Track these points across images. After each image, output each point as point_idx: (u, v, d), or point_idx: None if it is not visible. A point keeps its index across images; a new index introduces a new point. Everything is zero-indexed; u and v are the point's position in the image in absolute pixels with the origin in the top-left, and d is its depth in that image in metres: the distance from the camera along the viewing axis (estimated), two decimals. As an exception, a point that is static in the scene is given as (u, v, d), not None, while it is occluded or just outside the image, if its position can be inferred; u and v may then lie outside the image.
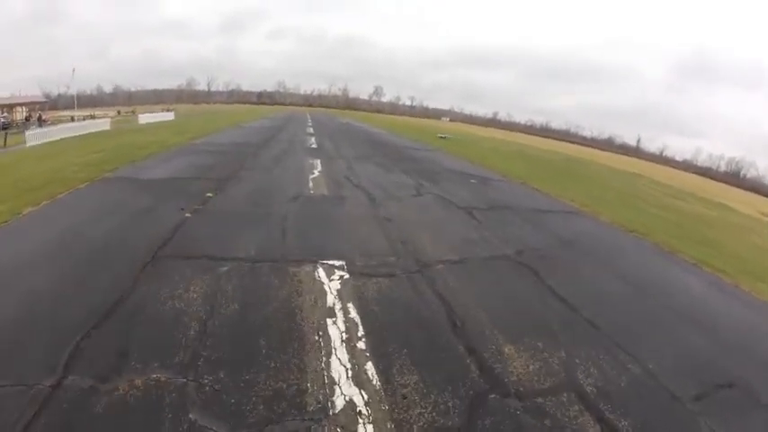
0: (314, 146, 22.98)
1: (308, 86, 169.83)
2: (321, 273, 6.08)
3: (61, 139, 27.39)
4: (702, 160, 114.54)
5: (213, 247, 7.12)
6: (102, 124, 35.56)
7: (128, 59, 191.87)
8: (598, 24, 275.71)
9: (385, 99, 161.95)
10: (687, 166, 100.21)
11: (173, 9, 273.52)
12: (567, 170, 25.25)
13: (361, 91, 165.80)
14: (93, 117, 49.21)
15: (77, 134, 29.64)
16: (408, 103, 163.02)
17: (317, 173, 13.98)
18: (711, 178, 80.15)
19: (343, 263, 6.39)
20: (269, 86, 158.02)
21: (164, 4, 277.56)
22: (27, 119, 52.11)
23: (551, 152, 43.46)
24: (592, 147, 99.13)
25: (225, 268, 6.30)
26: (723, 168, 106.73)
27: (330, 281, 5.84)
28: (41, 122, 45.05)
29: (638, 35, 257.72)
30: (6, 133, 31.14)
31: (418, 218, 9.23)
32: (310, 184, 12.09)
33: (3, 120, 45.98)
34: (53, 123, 40.52)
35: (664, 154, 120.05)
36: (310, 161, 16.48)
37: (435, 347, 4.44)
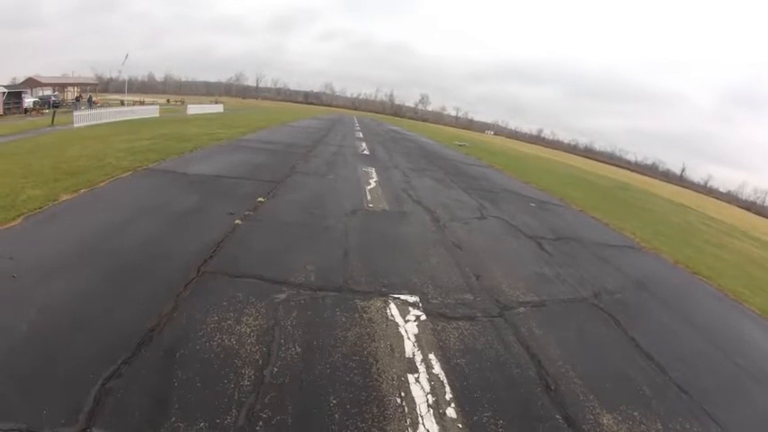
0: (366, 152, 22.76)
1: (354, 90, 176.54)
2: (394, 310, 5.41)
3: (108, 123, 27.73)
4: (747, 194, 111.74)
5: (267, 265, 6.38)
6: (151, 111, 36.27)
7: (180, 51, 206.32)
8: (648, 45, 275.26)
9: (430, 108, 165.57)
10: (731, 199, 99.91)
11: (226, 5, 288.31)
12: (619, 198, 24.54)
13: (407, 98, 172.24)
14: (142, 103, 50.54)
15: (125, 119, 30.12)
16: (453, 113, 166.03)
17: (373, 183, 13.49)
18: (757, 213, 76.19)
19: (417, 299, 5.75)
20: (316, 87, 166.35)
21: (219, 0, 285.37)
22: (77, 99, 54.00)
23: (600, 176, 43.54)
24: (636, 171, 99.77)
25: (282, 296, 5.52)
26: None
27: (405, 322, 5.17)
28: (91, 104, 46.43)
29: (688, 59, 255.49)
30: (55, 112, 31.83)
31: (488, 246, 8.68)
32: (368, 197, 11.49)
33: (54, 98, 47.78)
34: (102, 106, 41.49)
35: (708, 184, 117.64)
36: (364, 169, 16.10)
37: (532, 417, 3.96)
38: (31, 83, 56.32)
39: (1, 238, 6.24)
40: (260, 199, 9.96)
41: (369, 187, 12.73)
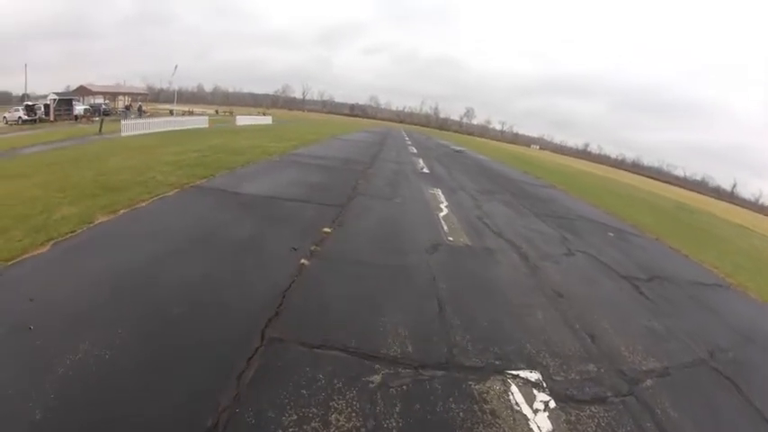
0: (425, 170, 21.84)
1: (399, 103, 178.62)
2: (517, 395, 4.35)
3: (156, 132, 27.52)
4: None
5: (350, 327, 5.10)
6: (200, 122, 36.27)
7: (228, 63, 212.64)
8: (696, 55, 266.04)
9: (475, 121, 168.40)
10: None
11: (273, 19, 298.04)
12: (684, 221, 23.44)
13: (452, 111, 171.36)
14: (191, 113, 51.28)
15: (174, 129, 29.93)
16: (498, 127, 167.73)
17: (444, 209, 12.44)
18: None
19: (539, 376, 4.72)
20: (361, 100, 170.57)
21: (265, 14, 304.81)
22: (127, 108, 55.33)
23: (655, 195, 42.72)
24: (685, 188, 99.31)
25: (377, 378, 4.23)
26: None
27: (535, 413, 4.14)
28: (141, 113, 47.26)
29: (737, 70, 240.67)
30: (103, 120, 32.08)
31: (587, 292, 7.67)
32: (444, 227, 10.35)
33: (104, 106, 48.99)
34: (152, 115, 41.99)
35: (760, 202, 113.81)
36: (430, 191, 15.23)
37: None
38: (83, 91, 58.26)
39: (26, 271, 5.61)
40: (325, 229, 8.77)
41: (441, 214, 11.68)
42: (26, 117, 40.51)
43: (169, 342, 4.31)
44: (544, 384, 4.55)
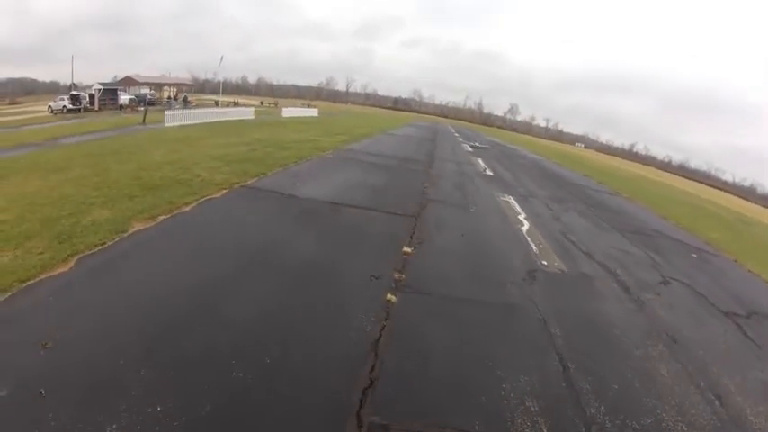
0: (489, 172, 20.59)
1: (441, 97, 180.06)
2: None
3: (201, 124, 26.82)
4: None
5: (467, 401, 3.93)
6: (246, 113, 35.56)
7: (272, 54, 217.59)
8: (749, 58, 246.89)
9: (519, 118, 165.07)
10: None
11: (316, 12, 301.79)
12: (753, 237, 21.97)
13: (496, 107, 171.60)
14: (236, 104, 50.94)
15: (220, 120, 29.19)
16: (543, 124, 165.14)
17: (524, 221, 11.29)
18: None
19: None
20: (404, 93, 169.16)
21: (307, 7, 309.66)
22: (171, 98, 55.68)
23: (712, 203, 41.06)
24: (733, 194, 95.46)
25: None
26: None
27: None
28: (187, 103, 47.24)
29: None
30: (147, 110, 31.74)
31: (698, 336, 6.60)
32: (532, 246, 9.18)
33: (149, 97, 49.24)
34: (197, 106, 41.79)
35: None
36: (503, 198, 14.10)
37: None
38: (129, 81, 59.03)
39: (42, 297, 4.57)
40: (405, 249, 7.44)
41: (524, 228, 10.54)
42: (71, 106, 40.93)
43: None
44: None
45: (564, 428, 3.78)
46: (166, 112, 27.19)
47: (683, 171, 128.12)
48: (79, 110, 40.89)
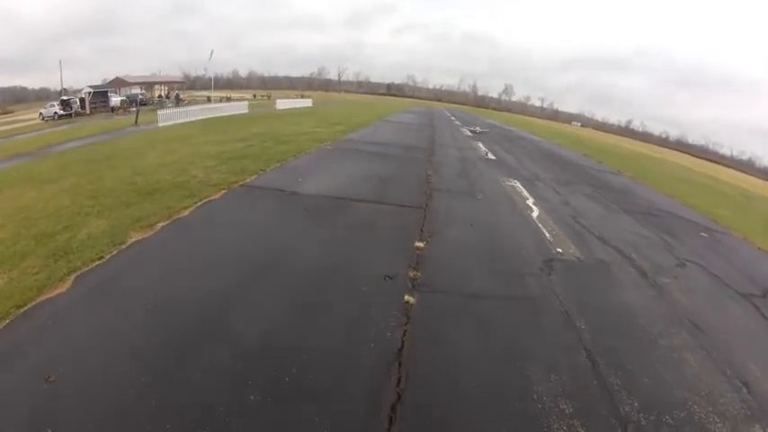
0: (491, 156, 20.30)
1: (436, 81, 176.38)
2: None
3: (195, 121, 26.46)
4: None
5: (502, 408, 3.76)
6: (240, 107, 35.20)
7: (262, 48, 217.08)
8: (743, 29, 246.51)
9: (514, 98, 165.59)
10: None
11: (306, 3, 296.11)
12: (758, 212, 22.19)
13: (491, 89, 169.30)
14: (228, 99, 50.51)
15: (213, 116, 28.86)
16: (538, 104, 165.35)
17: (533, 207, 10.97)
18: None
19: None
20: (397, 79, 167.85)
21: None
22: (165, 97, 55.09)
23: (712, 178, 41.72)
24: (731, 167, 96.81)
25: None
26: None
27: None
28: (179, 101, 46.72)
29: None
30: (138, 111, 31.31)
31: (719, 320, 6.49)
32: (545, 232, 8.96)
33: (140, 97, 48.69)
34: (189, 103, 41.27)
35: None
36: (508, 183, 13.84)
37: None
38: (119, 82, 58.38)
39: (41, 324, 4.27)
40: (417, 243, 7.15)
41: (534, 214, 10.28)
42: (62, 112, 40.37)
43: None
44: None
45: (601, 430, 3.64)
46: (159, 112, 26.76)
47: (681, 146, 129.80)
48: (71, 115, 40.36)
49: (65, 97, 44.42)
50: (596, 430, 3.63)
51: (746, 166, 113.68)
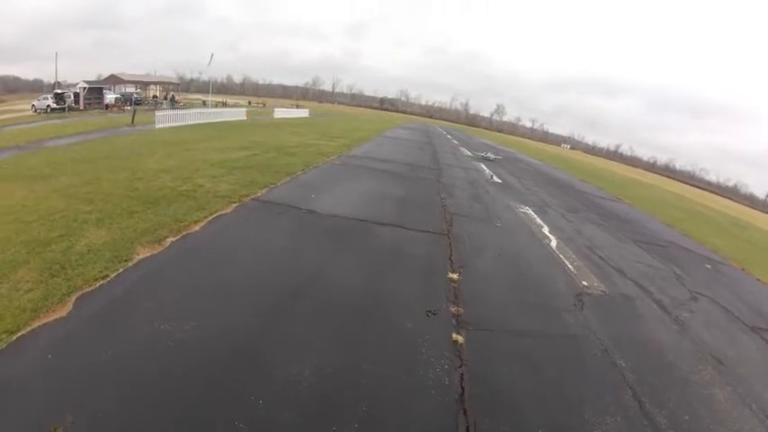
0: (497, 180, 20.02)
1: (428, 97, 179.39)
2: None
3: (193, 125, 25.80)
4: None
5: None
6: (238, 114, 34.49)
7: (258, 54, 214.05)
8: (733, 59, 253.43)
9: (506, 118, 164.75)
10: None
11: (303, 12, 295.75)
12: (751, 242, 22.55)
13: (482, 108, 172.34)
14: (224, 104, 49.62)
15: (211, 121, 28.07)
16: (529, 125, 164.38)
17: (551, 236, 10.76)
18: None
19: None
20: (390, 93, 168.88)
21: (294, 6, 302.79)
22: (155, 97, 54.18)
23: (704, 206, 42.24)
24: (717, 194, 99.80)
25: None
26: None
27: None
28: (174, 103, 45.89)
29: None
30: (135, 110, 30.45)
31: (737, 354, 6.60)
32: (568, 265, 8.73)
33: (135, 95, 47.74)
34: (185, 106, 40.46)
35: None
36: (521, 210, 13.60)
37: None
38: (114, 80, 57.15)
39: (40, 357, 3.62)
40: (451, 275, 6.67)
41: (553, 244, 10.11)
42: (55, 105, 39.16)
43: None
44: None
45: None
46: (156, 113, 25.96)
47: (669, 172, 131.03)
48: (64, 109, 39.14)
49: (59, 90, 43.18)
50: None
51: (732, 193, 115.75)
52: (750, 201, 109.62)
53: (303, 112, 52.66)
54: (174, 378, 3.50)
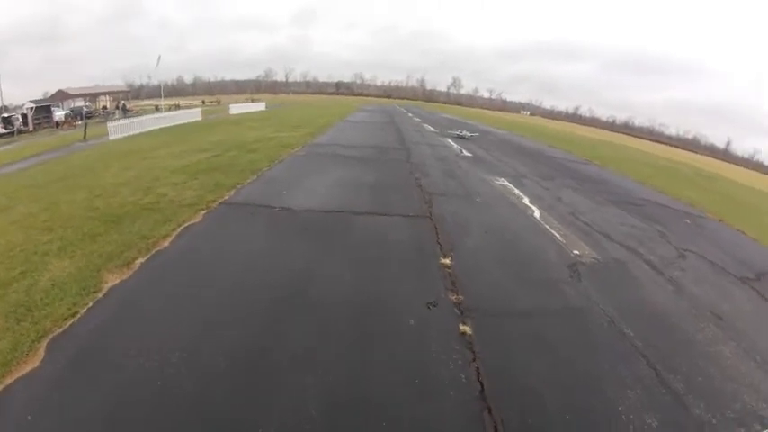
0: (467, 153, 19.75)
1: (384, 77, 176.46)
2: None
3: (148, 132, 24.88)
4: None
5: None
6: (193, 114, 33.45)
7: (206, 52, 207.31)
8: (689, 17, 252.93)
9: (463, 91, 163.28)
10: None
11: (246, 4, 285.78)
12: (719, 193, 23.32)
13: (439, 83, 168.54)
14: (177, 107, 48.19)
15: (166, 126, 27.18)
16: (486, 95, 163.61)
17: (532, 207, 10.67)
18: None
19: None
20: (345, 77, 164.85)
21: (235, 0, 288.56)
22: (108, 108, 52.30)
23: (670, 160, 42.92)
24: (678, 147, 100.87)
25: None
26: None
27: None
28: (126, 111, 44.37)
29: (729, 28, 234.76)
30: (86, 124, 29.20)
31: (733, 308, 6.61)
32: (555, 234, 8.66)
33: (85, 109, 45.92)
34: (138, 113, 39.08)
35: (755, 159, 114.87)
36: (497, 182, 13.45)
37: None
38: (62, 95, 54.79)
39: (21, 416, 3.24)
40: (443, 260, 6.43)
41: (536, 215, 10.03)
42: (3, 130, 37.26)
43: None
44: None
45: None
46: (108, 124, 24.90)
47: (629, 129, 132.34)
48: (13, 133, 37.35)
49: (5, 114, 41.05)
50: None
51: (693, 145, 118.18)
52: (711, 151, 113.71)
53: (259, 106, 51.56)
54: (169, 418, 3.18)
